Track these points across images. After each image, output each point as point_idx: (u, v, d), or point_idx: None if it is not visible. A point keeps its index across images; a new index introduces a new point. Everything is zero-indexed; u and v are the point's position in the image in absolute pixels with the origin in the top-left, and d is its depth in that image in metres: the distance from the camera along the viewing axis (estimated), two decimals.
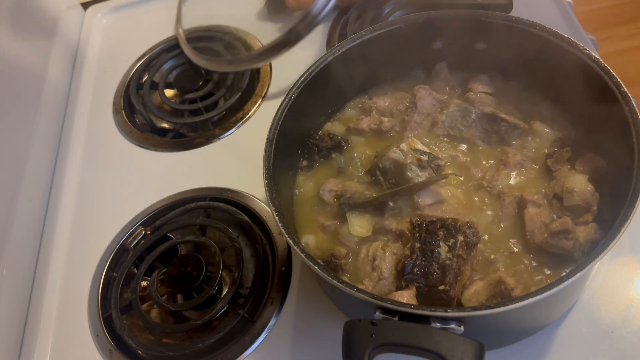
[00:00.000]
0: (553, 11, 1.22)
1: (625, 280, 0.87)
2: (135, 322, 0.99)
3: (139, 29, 1.49)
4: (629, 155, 0.74)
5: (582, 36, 1.16)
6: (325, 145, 0.97)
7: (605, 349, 0.81)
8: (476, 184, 0.89)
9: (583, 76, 0.83)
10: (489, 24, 0.91)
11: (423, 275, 0.75)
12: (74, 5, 1.54)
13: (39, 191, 1.19)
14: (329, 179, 0.93)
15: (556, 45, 0.86)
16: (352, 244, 0.86)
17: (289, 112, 0.89)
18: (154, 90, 1.32)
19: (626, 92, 0.77)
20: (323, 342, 0.89)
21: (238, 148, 1.18)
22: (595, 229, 0.78)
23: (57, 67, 1.37)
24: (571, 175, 0.82)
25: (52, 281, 1.07)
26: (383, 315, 0.66)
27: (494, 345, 0.82)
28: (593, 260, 0.65)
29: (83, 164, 1.24)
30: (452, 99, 0.97)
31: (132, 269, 1.03)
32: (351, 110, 1.04)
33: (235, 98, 1.24)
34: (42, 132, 1.24)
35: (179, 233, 1.07)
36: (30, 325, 1.03)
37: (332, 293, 0.89)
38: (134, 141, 1.25)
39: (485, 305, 0.64)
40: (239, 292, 0.97)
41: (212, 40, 1.36)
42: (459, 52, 0.99)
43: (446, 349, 0.60)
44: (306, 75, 0.92)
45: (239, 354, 0.90)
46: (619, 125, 0.77)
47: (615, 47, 1.92)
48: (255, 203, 1.07)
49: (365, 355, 0.62)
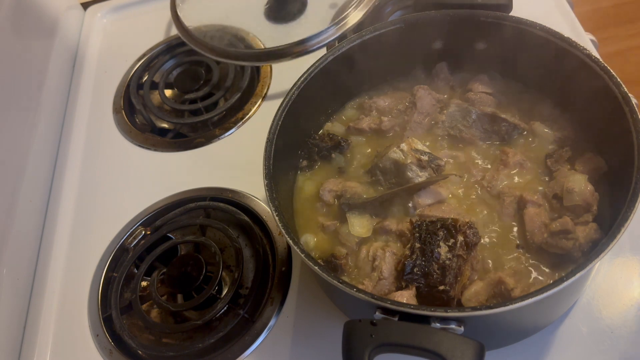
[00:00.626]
0: (553, 11, 1.22)
1: (625, 280, 0.87)
2: (135, 322, 0.99)
3: (139, 29, 1.49)
4: (629, 155, 0.74)
5: (582, 36, 1.16)
6: (325, 145, 0.97)
7: (605, 349, 0.81)
8: (476, 184, 0.89)
9: (583, 76, 0.83)
10: (489, 24, 0.91)
11: (423, 275, 0.75)
12: (74, 5, 1.54)
13: (39, 191, 1.19)
14: (329, 179, 0.93)
15: (556, 45, 0.86)
16: (352, 244, 0.86)
17: (289, 112, 0.89)
18: (154, 90, 1.32)
19: (626, 92, 0.77)
20: (323, 342, 0.89)
21: (238, 148, 1.18)
22: (595, 229, 0.78)
23: (57, 67, 1.37)
24: (571, 175, 0.82)
25: (52, 281, 1.07)
26: (383, 315, 0.66)
27: (494, 345, 0.82)
28: (593, 260, 0.65)
29: (83, 164, 1.24)
30: (452, 99, 0.97)
31: (132, 269, 1.03)
32: (351, 110, 1.04)
33: (236, 98, 1.24)
34: (42, 132, 1.24)
35: (179, 233, 1.07)
36: (30, 325, 1.03)
37: (332, 293, 0.89)
38: (134, 141, 1.25)
39: (485, 306, 0.64)
40: (239, 292, 0.97)
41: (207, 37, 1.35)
42: (459, 52, 0.99)
43: (446, 349, 0.60)
44: (306, 75, 0.92)
45: (239, 354, 0.90)
46: (619, 125, 0.77)
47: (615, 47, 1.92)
48: (255, 203, 1.07)
49: (365, 355, 0.62)
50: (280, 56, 1.12)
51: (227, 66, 1.30)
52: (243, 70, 1.30)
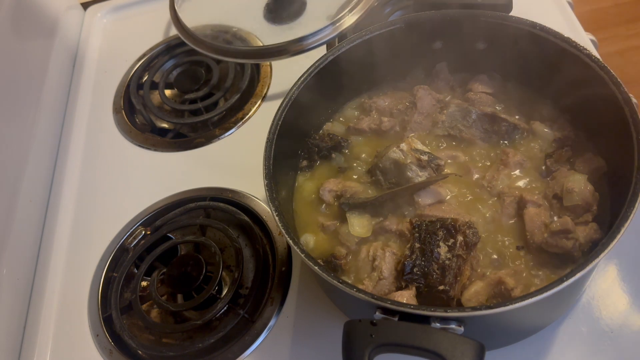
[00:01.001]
0: (553, 11, 1.22)
1: (625, 280, 0.87)
2: (135, 322, 0.99)
3: (139, 29, 1.49)
4: (629, 155, 0.74)
5: (582, 36, 1.16)
6: (325, 145, 0.97)
7: (605, 349, 0.81)
8: (476, 184, 0.89)
9: (583, 76, 0.83)
10: (489, 24, 0.91)
11: (423, 275, 0.75)
12: (74, 5, 1.54)
13: (39, 191, 1.19)
14: (329, 179, 0.93)
15: (556, 45, 0.86)
16: (352, 244, 0.86)
17: (289, 112, 0.89)
18: (154, 90, 1.32)
19: (626, 92, 0.77)
20: (323, 342, 0.89)
21: (238, 148, 1.18)
22: (595, 229, 0.78)
23: (57, 67, 1.37)
24: (571, 175, 0.82)
25: (52, 281, 1.07)
26: (383, 315, 0.66)
27: (494, 345, 0.82)
28: (593, 260, 0.65)
29: (83, 163, 1.24)
30: (452, 99, 0.97)
31: (132, 269, 1.03)
32: (351, 110, 1.04)
33: (235, 98, 1.24)
34: (42, 132, 1.24)
35: (179, 233, 1.07)
36: (30, 325, 1.03)
37: (332, 293, 0.89)
38: (134, 141, 1.25)
39: (485, 306, 0.64)
40: (239, 292, 0.97)
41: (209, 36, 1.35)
42: (459, 52, 0.99)
43: (446, 349, 0.60)
44: (306, 75, 0.92)
45: (239, 354, 0.90)
46: (619, 125, 0.77)
47: (615, 47, 1.92)
48: (255, 203, 1.07)
49: (365, 355, 0.62)
50: (279, 54, 1.12)
51: (227, 66, 1.30)
52: (243, 70, 1.30)
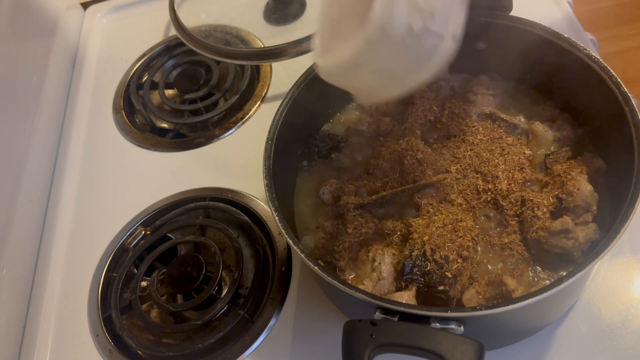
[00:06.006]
0: (553, 11, 1.22)
1: (625, 280, 0.87)
2: (135, 322, 0.99)
3: (139, 29, 1.49)
4: (629, 155, 0.74)
5: (582, 36, 1.16)
6: (325, 146, 0.97)
7: (605, 349, 0.81)
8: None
9: (583, 76, 0.83)
10: (489, 24, 0.91)
11: (423, 275, 0.75)
12: (74, 5, 1.54)
13: (39, 191, 1.19)
14: (329, 179, 0.93)
15: (556, 45, 0.86)
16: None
17: (289, 112, 0.89)
18: (154, 90, 1.32)
19: (626, 92, 0.77)
20: (323, 342, 0.89)
21: (238, 148, 1.18)
22: (595, 229, 0.78)
23: (57, 67, 1.37)
24: (571, 175, 0.82)
25: (52, 281, 1.07)
26: (383, 316, 0.66)
27: (494, 345, 0.82)
28: (593, 260, 0.65)
29: (83, 163, 1.24)
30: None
31: (132, 269, 1.03)
32: (351, 111, 1.04)
33: (235, 98, 1.24)
34: (42, 132, 1.24)
35: (178, 233, 1.07)
36: (30, 325, 1.03)
37: (332, 293, 0.89)
38: (134, 141, 1.25)
39: (485, 306, 0.64)
40: (239, 292, 0.97)
41: (211, 38, 1.36)
42: (459, 52, 0.98)
43: (446, 349, 0.60)
44: (306, 75, 0.92)
45: (239, 354, 0.90)
46: (619, 125, 0.77)
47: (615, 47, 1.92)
48: (255, 203, 1.07)
49: (365, 356, 0.62)
50: (278, 55, 1.12)
51: (227, 66, 1.30)
52: (243, 70, 1.30)
